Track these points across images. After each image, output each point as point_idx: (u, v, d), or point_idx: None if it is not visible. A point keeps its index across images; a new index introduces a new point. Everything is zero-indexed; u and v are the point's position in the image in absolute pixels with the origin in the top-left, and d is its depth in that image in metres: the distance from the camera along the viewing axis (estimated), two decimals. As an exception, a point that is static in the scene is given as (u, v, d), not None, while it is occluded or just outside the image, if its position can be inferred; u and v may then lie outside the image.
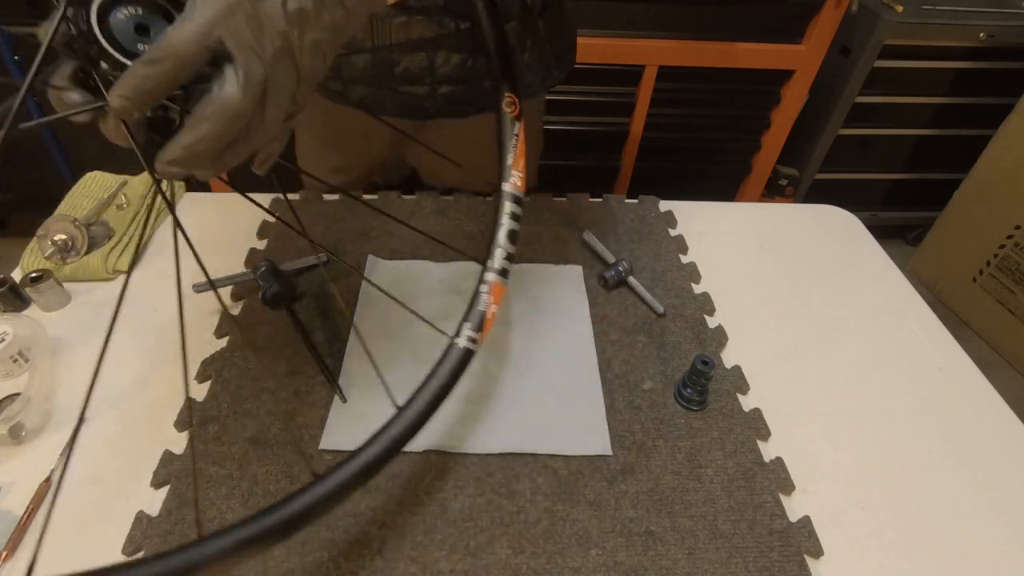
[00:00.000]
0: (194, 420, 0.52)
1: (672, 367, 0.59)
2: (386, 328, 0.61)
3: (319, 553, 0.44)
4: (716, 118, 1.55)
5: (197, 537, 0.30)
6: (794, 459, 0.52)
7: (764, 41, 1.41)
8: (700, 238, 0.75)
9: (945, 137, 1.73)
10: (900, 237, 2.06)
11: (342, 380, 0.56)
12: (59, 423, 0.52)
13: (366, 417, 0.53)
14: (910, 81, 1.60)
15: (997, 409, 0.59)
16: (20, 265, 0.65)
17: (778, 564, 0.45)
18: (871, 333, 0.66)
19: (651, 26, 1.38)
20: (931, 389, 0.60)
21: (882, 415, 0.57)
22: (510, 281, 0.44)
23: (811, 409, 0.57)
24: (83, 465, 0.49)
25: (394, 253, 0.70)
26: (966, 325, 1.75)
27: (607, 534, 0.46)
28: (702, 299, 0.67)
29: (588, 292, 0.66)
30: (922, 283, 1.85)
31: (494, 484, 0.49)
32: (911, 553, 0.47)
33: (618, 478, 0.50)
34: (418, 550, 0.44)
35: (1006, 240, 1.60)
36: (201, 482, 0.48)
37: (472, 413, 0.54)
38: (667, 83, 1.45)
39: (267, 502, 0.47)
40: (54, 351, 0.58)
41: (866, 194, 1.88)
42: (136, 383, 0.55)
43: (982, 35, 1.51)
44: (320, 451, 0.50)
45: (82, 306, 0.63)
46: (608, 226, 0.75)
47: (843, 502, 0.50)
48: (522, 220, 0.44)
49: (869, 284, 0.72)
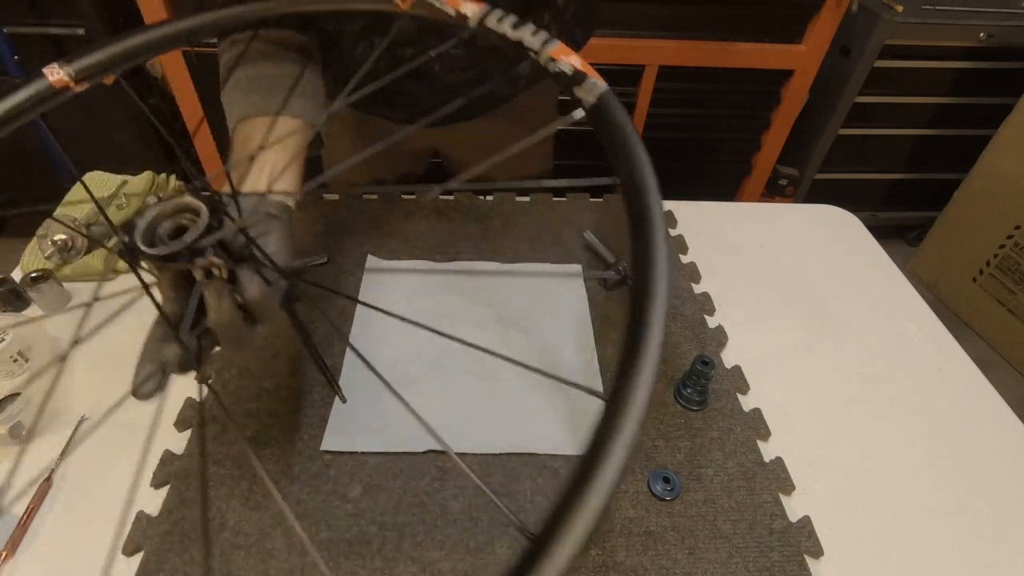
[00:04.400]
0: (204, 417, 0.52)
1: (672, 367, 0.59)
2: (386, 327, 0.61)
3: (319, 553, 0.44)
4: (716, 118, 1.55)
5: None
6: (794, 459, 0.52)
7: (764, 41, 1.41)
8: (700, 238, 0.75)
9: (945, 137, 1.73)
10: (900, 237, 2.06)
11: (342, 380, 0.56)
12: (59, 423, 0.52)
13: (366, 417, 0.53)
14: (910, 81, 1.60)
15: (997, 409, 0.59)
16: (20, 265, 0.65)
17: (778, 564, 0.45)
18: (871, 333, 0.66)
19: (651, 26, 1.38)
20: (931, 389, 0.60)
21: (882, 415, 0.57)
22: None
23: (811, 409, 0.57)
24: (83, 465, 0.49)
25: (394, 253, 0.70)
26: (966, 325, 1.75)
27: (607, 534, 0.46)
28: (702, 299, 0.67)
29: (588, 292, 0.66)
30: (922, 283, 1.85)
31: (494, 484, 0.49)
32: (911, 553, 0.47)
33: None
34: (418, 550, 0.44)
35: (1006, 240, 1.60)
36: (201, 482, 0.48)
37: (472, 413, 0.54)
38: (667, 83, 1.45)
39: (267, 502, 0.47)
40: (54, 351, 0.58)
41: (866, 194, 1.88)
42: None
43: (982, 35, 1.51)
44: (320, 451, 0.50)
45: (82, 306, 0.63)
46: (608, 226, 0.75)
47: (843, 502, 0.50)
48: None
49: (869, 284, 0.72)
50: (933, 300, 1.81)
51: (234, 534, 0.45)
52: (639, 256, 0.28)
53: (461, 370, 0.57)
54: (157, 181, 0.78)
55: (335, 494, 0.48)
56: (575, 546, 0.18)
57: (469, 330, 0.61)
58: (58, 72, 0.41)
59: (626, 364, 0.21)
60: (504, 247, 0.71)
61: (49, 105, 0.42)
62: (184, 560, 0.43)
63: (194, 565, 0.43)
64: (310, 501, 0.47)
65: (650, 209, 0.30)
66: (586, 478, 0.19)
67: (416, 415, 0.32)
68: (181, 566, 0.43)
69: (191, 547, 0.44)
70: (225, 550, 0.44)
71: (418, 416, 0.29)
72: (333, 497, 0.47)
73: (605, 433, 0.19)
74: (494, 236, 0.73)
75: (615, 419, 0.20)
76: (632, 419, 0.20)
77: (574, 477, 0.19)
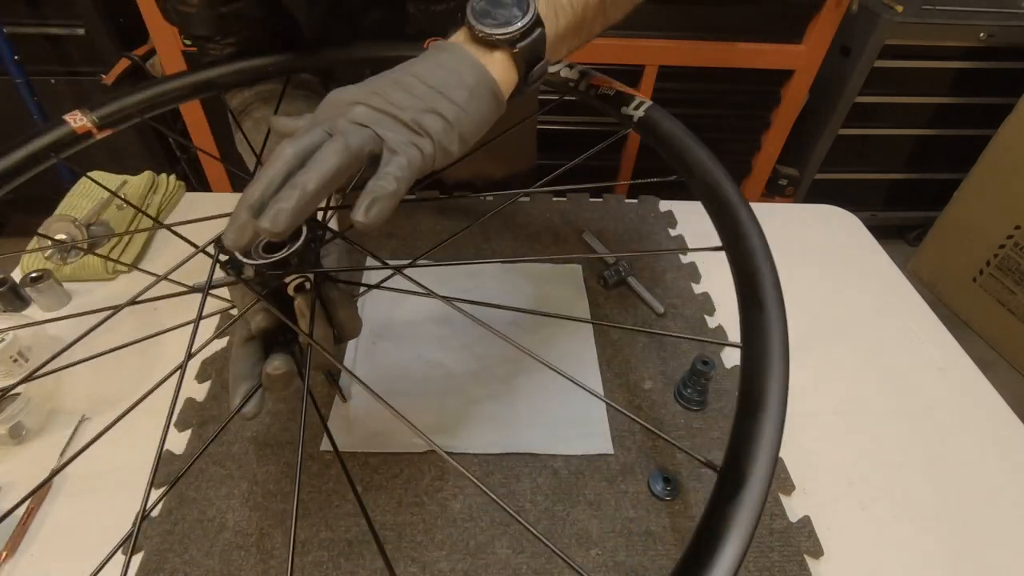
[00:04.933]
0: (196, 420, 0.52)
1: (672, 367, 0.59)
2: (387, 328, 0.61)
3: (319, 553, 0.44)
4: (716, 118, 1.55)
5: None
6: (794, 459, 0.52)
7: (764, 41, 1.41)
8: (700, 238, 0.75)
9: (945, 137, 1.73)
10: (900, 237, 2.05)
11: (342, 380, 0.56)
12: (59, 423, 0.52)
13: (366, 417, 0.53)
14: (910, 81, 1.60)
15: (997, 409, 0.59)
16: (20, 265, 0.65)
17: (778, 564, 0.45)
18: (871, 333, 0.66)
19: (651, 26, 1.38)
20: (931, 389, 0.60)
21: (882, 415, 0.57)
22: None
23: (811, 409, 0.57)
24: (83, 465, 0.49)
25: (394, 253, 0.70)
26: (966, 325, 1.75)
27: (607, 534, 0.46)
28: (702, 299, 0.67)
29: (588, 292, 0.66)
30: (922, 283, 1.85)
31: (494, 484, 0.49)
32: (911, 553, 0.47)
33: (618, 478, 0.50)
34: (418, 550, 0.44)
35: (1006, 240, 1.60)
36: (201, 482, 0.48)
37: (472, 413, 0.54)
38: (667, 83, 1.45)
39: (267, 502, 0.47)
40: (54, 351, 0.57)
41: (866, 194, 1.88)
42: (136, 383, 0.55)
43: (982, 35, 1.51)
44: (320, 451, 0.50)
45: (82, 306, 0.62)
46: (608, 226, 0.75)
47: (843, 502, 0.50)
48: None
49: (869, 284, 0.72)
50: (933, 300, 1.81)
51: (234, 534, 0.45)
52: (738, 253, 0.29)
53: (462, 370, 0.57)
54: (157, 181, 0.78)
55: (335, 494, 0.48)
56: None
57: (469, 330, 0.61)
58: (81, 119, 0.42)
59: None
60: (504, 247, 0.71)
61: (71, 150, 0.44)
62: (184, 560, 0.43)
63: (194, 565, 0.43)
64: (310, 501, 0.47)
65: (728, 197, 0.31)
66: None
67: (400, 414, 0.32)
68: (181, 566, 0.43)
69: (191, 547, 0.44)
70: (225, 550, 0.44)
71: (403, 417, 0.29)
72: (333, 497, 0.47)
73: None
74: (494, 236, 0.73)
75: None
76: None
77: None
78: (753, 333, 0.24)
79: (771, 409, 0.21)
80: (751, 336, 0.24)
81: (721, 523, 0.18)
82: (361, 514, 0.46)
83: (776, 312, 0.23)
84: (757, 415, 0.20)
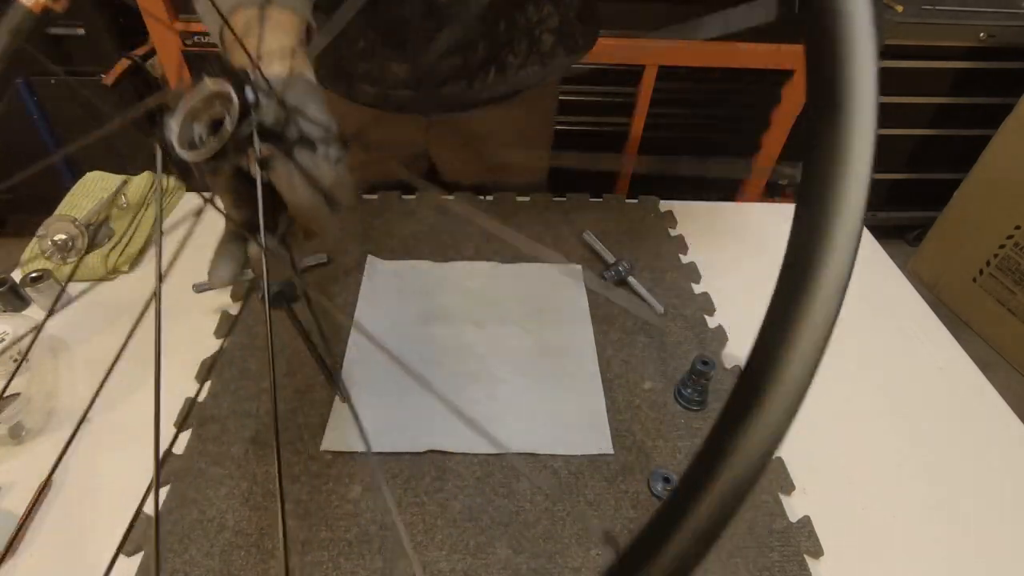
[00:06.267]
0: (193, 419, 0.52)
1: (672, 367, 0.59)
2: (387, 327, 0.61)
3: (319, 553, 0.44)
4: (716, 118, 1.55)
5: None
6: (794, 459, 0.52)
7: (764, 41, 1.41)
8: (700, 238, 0.75)
9: (945, 137, 1.73)
10: (900, 237, 2.05)
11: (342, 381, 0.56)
12: (59, 423, 0.52)
13: (366, 417, 0.53)
14: (910, 81, 1.60)
15: (997, 409, 0.59)
16: (20, 265, 0.65)
17: (778, 564, 0.45)
18: (871, 333, 0.66)
19: (651, 26, 1.38)
20: (931, 389, 0.60)
21: (882, 415, 0.57)
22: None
23: (811, 409, 0.57)
24: (83, 465, 0.49)
25: (394, 253, 0.70)
26: (966, 325, 1.75)
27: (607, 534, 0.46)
28: (702, 299, 0.67)
29: (588, 292, 0.66)
30: (922, 283, 1.85)
31: (494, 484, 0.49)
32: (911, 553, 0.47)
33: (618, 478, 0.50)
34: (418, 550, 0.44)
35: (1006, 240, 1.60)
36: (201, 482, 0.48)
37: (472, 413, 0.54)
38: (667, 83, 1.45)
39: (267, 502, 0.47)
40: (54, 351, 0.58)
41: (866, 194, 1.88)
42: (136, 383, 0.55)
43: (982, 35, 1.51)
44: (321, 451, 0.50)
45: (82, 306, 0.63)
46: (608, 226, 0.75)
47: (843, 502, 0.50)
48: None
49: (869, 284, 0.72)
50: (933, 300, 1.81)
51: (234, 534, 0.45)
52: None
53: (461, 370, 0.57)
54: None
55: (335, 494, 0.48)
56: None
57: (469, 330, 0.61)
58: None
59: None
60: (504, 247, 0.71)
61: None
62: (184, 560, 0.43)
63: (194, 565, 0.43)
64: (310, 501, 0.47)
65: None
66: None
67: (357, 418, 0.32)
68: (181, 566, 0.43)
69: (191, 547, 0.44)
70: (225, 550, 0.44)
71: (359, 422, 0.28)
72: (333, 497, 0.47)
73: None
74: (494, 236, 0.73)
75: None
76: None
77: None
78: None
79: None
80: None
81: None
82: (364, 513, 0.46)
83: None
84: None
